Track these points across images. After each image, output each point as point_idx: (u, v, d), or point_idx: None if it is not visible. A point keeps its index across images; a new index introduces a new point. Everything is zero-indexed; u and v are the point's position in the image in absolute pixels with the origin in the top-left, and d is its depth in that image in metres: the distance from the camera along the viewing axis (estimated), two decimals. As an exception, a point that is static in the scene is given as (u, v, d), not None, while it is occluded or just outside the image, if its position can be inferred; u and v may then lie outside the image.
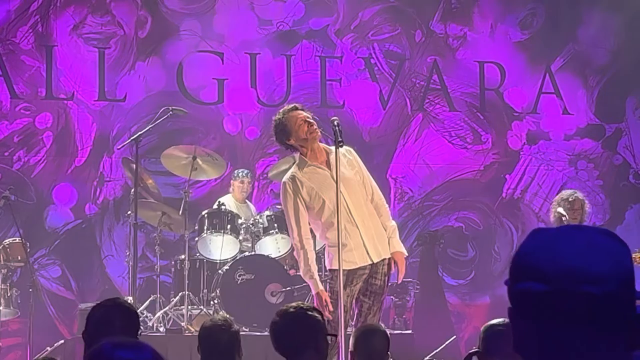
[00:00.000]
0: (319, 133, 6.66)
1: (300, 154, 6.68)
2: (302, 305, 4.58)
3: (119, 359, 2.17)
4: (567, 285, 1.56)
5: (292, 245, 7.77)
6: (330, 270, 6.60)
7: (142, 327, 9.17)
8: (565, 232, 1.64)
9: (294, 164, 6.87)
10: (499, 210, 12.35)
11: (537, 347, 1.60)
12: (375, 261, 6.58)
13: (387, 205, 6.90)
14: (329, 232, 6.59)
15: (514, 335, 1.65)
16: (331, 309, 6.40)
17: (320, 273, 7.31)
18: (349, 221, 6.52)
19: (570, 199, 8.90)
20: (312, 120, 6.63)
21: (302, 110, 6.72)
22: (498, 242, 12.28)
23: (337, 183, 6.36)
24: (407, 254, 6.94)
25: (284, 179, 6.73)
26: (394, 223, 6.86)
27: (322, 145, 6.77)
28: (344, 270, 6.40)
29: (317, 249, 7.64)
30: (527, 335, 1.61)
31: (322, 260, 7.57)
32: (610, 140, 12.67)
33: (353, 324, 6.55)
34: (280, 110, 6.77)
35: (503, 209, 12.38)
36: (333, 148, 6.58)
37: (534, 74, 12.56)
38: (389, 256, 6.66)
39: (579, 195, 9.04)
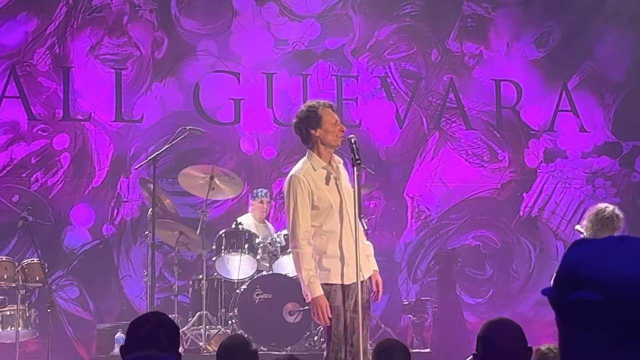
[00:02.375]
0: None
1: (317, 151, 6.37)
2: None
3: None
4: (622, 294, 1.55)
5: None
6: (326, 284, 6.26)
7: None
8: (612, 242, 1.63)
9: (304, 157, 6.46)
10: (516, 229, 12.32)
11: (586, 356, 1.59)
12: (365, 278, 6.45)
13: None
14: (329, 242, 6.37)
15: (562, 346, 1.63)
16: (330, 315, 6.17)
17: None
18: (350, 236, 6.32)
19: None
20: (343, 127, 6.47)
21: (336, 112, 6.49)
22: (516, 260, 12.25)
23: (356, 202, 6.32)
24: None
25: (295, 172, 6.34)
26: (369, 242, 6.71)
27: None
28: (341, 284, 6.28)
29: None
30: (578, 345, 1.60)
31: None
32: (627, 158, 12.64)
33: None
34: (314, 102, 6.46)
35: (520, 227, 12.34)
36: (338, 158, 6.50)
37: (551, 92, 12.54)
38: (371, 274, 6.56)
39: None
